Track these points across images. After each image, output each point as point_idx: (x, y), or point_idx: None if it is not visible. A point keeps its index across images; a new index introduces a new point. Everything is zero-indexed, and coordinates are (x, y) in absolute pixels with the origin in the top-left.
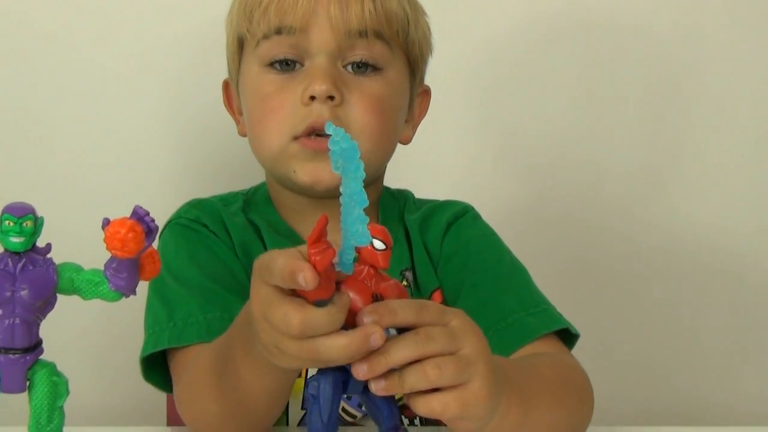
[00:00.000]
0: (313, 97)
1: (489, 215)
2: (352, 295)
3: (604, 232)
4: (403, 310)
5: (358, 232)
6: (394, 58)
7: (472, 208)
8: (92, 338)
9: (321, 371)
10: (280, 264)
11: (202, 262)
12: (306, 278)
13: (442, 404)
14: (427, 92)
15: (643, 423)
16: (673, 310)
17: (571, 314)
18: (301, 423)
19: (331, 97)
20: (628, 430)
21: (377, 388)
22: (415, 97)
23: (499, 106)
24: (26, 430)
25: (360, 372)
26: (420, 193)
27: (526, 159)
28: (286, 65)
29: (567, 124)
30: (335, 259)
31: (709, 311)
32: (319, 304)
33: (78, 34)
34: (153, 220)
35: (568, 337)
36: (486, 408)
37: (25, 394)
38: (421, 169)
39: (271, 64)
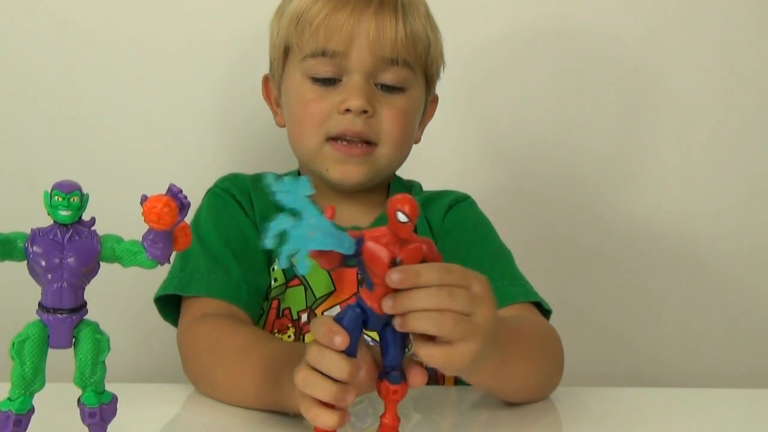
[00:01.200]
0: (348, 110)
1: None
2: (375, 248)
3: (579, 215)
4: (428, 272)
5: (346, 244)
6: (416, 79)
7: (471, 197)
8: (130, 302)
9: (348, 306)
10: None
11: (222, 228)
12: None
13: (429, 354)
14: (435, 99)
15: (609, 384)
16: (640, 285)
17: (548, 286)
18: None
19: (365, 111)
20: (597, 390)
21: (387, 305)
22: (428, 105)
23: (484, 103)
24: (72, 383)
25: (386, 305)
26: (408, 177)
27: (509, 150)
28: (327, 81)
29: (546, 120)
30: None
31: (671, 286)
32: None
33: (126, 25)
34: (186, 197)
35: (541, 312)
36: (467, 368)
37: (70, 352)
38: (413, 157)
39: (313, 78)
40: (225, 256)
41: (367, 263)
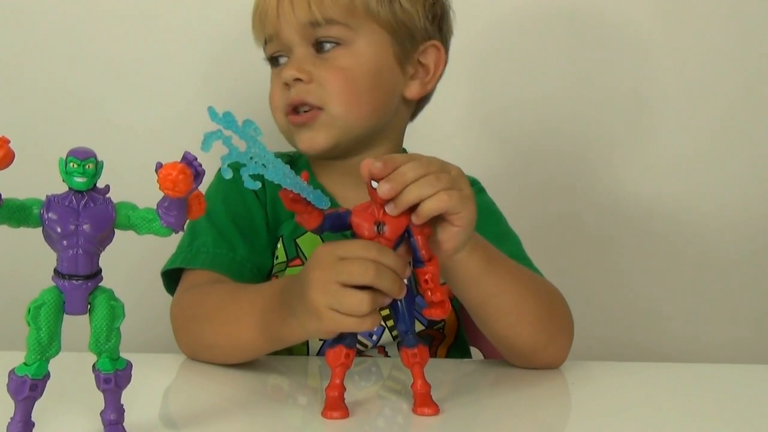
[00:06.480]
0: (287, 84)
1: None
2: (358, 221)
3: (584, 196)
4: (399, 158)
5: (318, 198)
6: (358, 32)
7: (479, 182)
8: (144, 270)
9: None
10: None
11: (230, 206)
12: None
13: (449, 195)
14: (435, 46)
15: (608, 359)
16: (644, 264)
17: (551, 265)
18: (319, 353)
19: (299, 79)
20: (598, 364)
21: (390, 207)
22: (419, 53)
23: (489, 83)
24: (87, 350)
25: (384, 189)
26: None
27: (514, 131)
28: (278, 61)
29: (552, 101)
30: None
31: (674, 266)
32: None
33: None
34: (200, 165)
35: None
36: (472, 211)
37: (85, 321)
38: (416, 136)
39: (271, 62)
40: (231, 232)
41: (356, 230)
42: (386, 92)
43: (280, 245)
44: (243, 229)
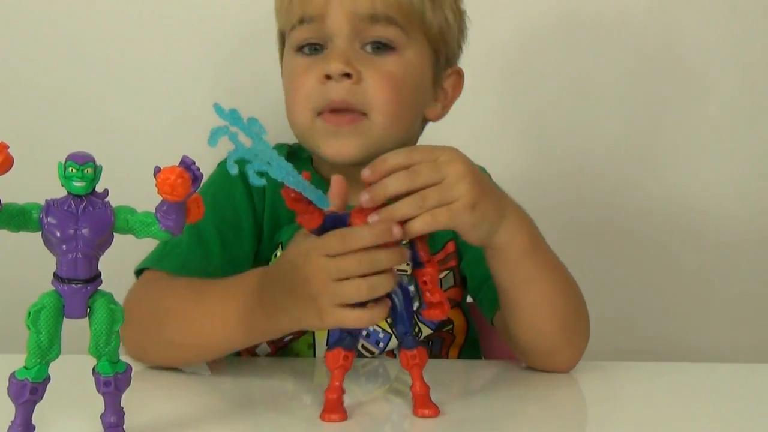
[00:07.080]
0: (329, 77)
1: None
2: (357, 222)
3: (600, 199)
4: (394, 157)
5: (319, 198)
6: (411, 41)
7: (485, 170)
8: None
9: None
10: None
11: (218, 207)
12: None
13: (433, 216)
14: (458, 73)
15: (622, 359)
16: (655, 266)
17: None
18: None
19: (348, 75)
20: (611, 365)
21: (372, 220)
22: (445, 78)
23: (519, 84)
24: (87, 354)
25: (363, 200)
26: None
27: (541, 130)
28: (314, 49)
29: (561, 104)
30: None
31: (682, 267)
32: None
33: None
34: (198, 169)
35: None
36: (472, 217)
37: (85, 326)
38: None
39: (300, 49)
40: (211, 237)
41: None
42: (419, 108)
43: (279, 251)
44: (225, 235)
